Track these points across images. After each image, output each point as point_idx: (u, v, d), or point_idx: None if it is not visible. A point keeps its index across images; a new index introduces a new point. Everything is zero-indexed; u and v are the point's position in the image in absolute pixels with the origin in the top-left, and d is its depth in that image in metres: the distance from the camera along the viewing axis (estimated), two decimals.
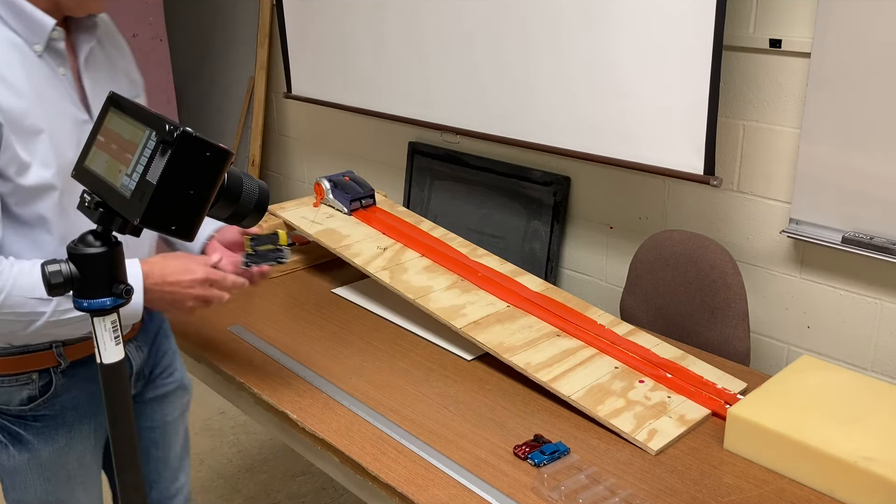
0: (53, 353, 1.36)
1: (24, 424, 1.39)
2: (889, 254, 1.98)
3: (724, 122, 2.27)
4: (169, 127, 0.94)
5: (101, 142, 1.05)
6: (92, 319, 1.00)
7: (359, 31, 3.06)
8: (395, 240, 2.07)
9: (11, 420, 1.39)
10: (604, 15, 2.27)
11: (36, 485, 1.42)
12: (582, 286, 2.78)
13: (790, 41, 2.10)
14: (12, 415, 1.38)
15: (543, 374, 1.62)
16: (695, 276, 2.12)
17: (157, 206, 0.95)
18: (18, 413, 1.38)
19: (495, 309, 1.83)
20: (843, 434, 1.37)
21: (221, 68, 4.16)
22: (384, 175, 3.39)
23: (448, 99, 2.80)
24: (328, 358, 1.77)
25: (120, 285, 0.99)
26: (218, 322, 1.94)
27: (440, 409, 1.58)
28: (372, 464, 1.41)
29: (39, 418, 1.40)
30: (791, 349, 2.31)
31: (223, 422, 3.06)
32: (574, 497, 1.30)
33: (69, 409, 1.42)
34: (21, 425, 1.39)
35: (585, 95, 2.39)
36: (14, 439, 1.39)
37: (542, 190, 2.77)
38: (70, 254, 0.98)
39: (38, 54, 1.27)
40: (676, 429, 1.49)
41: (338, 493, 2.66)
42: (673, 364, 1.69)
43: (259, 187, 1.20)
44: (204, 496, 2.66)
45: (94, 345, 1.01)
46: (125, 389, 1.04)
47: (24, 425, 1.39)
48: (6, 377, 1.36)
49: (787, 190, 2.21)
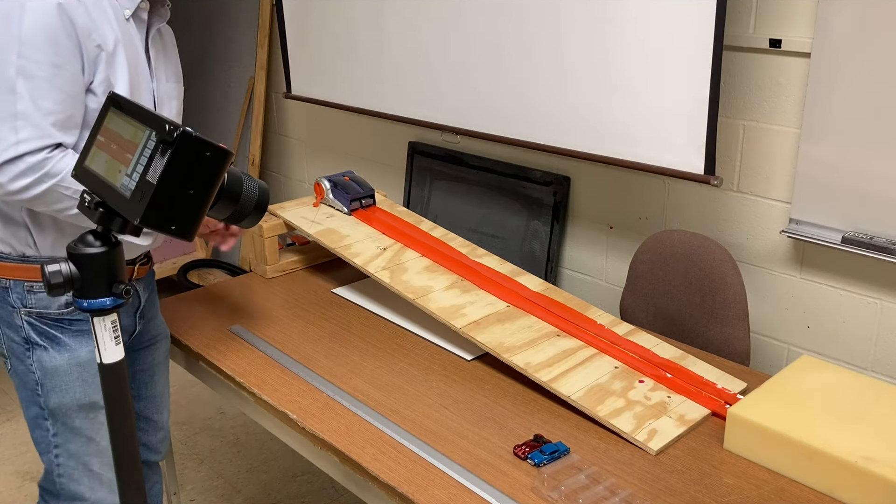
0: None
1: (61, 328, 1.56)
2: (889, 254, 1.98)
3: (724, 122, 2.27)
4: (169, 127, 0.94)
5: (101, 142, 1.05)
6: (92, 319, 1.00)
7: (359, 31, 3.06)
8: (395, 240, 2.07)
9: (50, 324, 1.55)
10: (604, 15, 2.27)
11: (74, 386, 1.58)
12: (582, 286, 2.78)
13: (790, 41, 2.09)
14: (52, 318, 1.55)
15: (543, 374, 1.62)
16: (695, 276, 2.12)
17: (157, 206, 0.95)
18: (57, 317, 1.55)
19: (495, 309, 1.83)
20: (843, 434, 1.37)
21: (221, 68, 4.16)
22: (384, 175, 3.39)
23: (448, 99, 2.80)
24: (328, 358, 1.77)
25: (120, 285, 0.99)
26: (218, 322, 1.94)
27: (440, 409, 1.59)
28: (372, 464, 1.41)
29: (75, 322, 1.57)
30: (791, 349, 2.31)
31: (223, 422, 3.06)
32: (574, 497, 1.30)
33: None
34: (59, 329, 1.56)
35: (585, 95, 2.39)
36: (53, 342, 1.56)
37: (542, 190, 2.77)
38: (70, 254, 0.98)
39: (126, 17, 1.52)
40: (676, 429, 1.49)
41: (338, 493, 2.66)
42: (673, 364, 1.69)
43: (259, 187, 1.21)
44: (204, 496, 2.66)
45: (94, 344, 1.01)
46: (125, 389, 1.04)
47: (61, 329, 1.56)
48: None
49: (787, 190, 2.21)
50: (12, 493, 2.68)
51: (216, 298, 2.07)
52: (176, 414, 3.07)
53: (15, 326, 1.56)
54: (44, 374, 1.57)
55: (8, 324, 1.57)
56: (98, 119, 1.08)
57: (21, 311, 1.54)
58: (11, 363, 1.61)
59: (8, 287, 1.54)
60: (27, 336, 1.56)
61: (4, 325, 1.57)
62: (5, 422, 3.10)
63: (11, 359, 1.60)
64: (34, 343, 1.56)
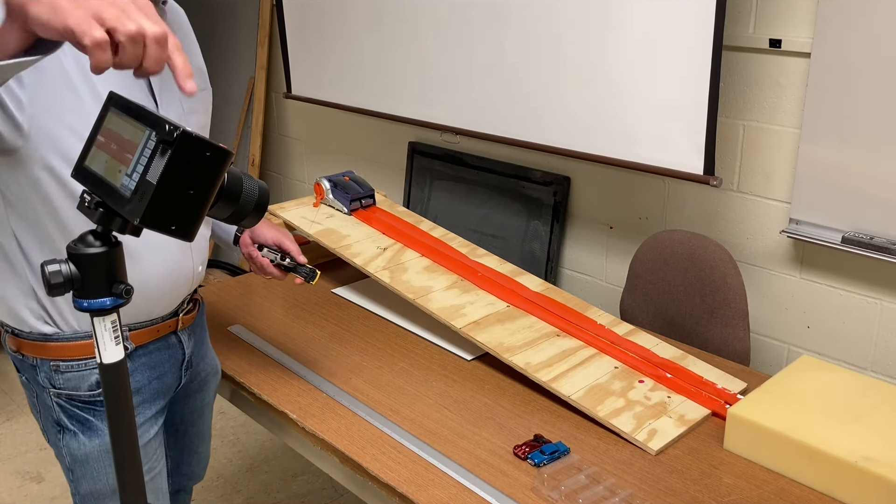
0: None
1: (92, 411, 1.42)
2: (889, 254, 1.98)
3: (724, 122, 2.27)
4: (169, 127, 0.94)
5: (101, 142, 1.05)
6: (92, 319, 1.00)
7: (359, 31, 3.06)
8: (395, 240, 2.07)
9: (80, 407, 1.42)
10: (604, 15, 2.27)
11: (107, 472, 1.45)
12: (582, 286, 2.78)
13: (790, 41, 2.09)
14: (82, 401, 1.41)
15: (543, 374, 1.62)
16: (695, 276, 2.12)
17: (157, 206, 0.95)
18: (88, 399, 1.41)
19: (495, 309, 1.83)
20: (843, 434, 1.37)
21: (221, 68, 4.16)
22: (384, 175, 3.39)
23: (448, 99, 2.80)
24: (328, 358, 1.77)
25: (120, 285, 0.99)
26: (218, 322, 1.94)
27: (440, 409, 1.59)
28: (372, 464, 1.41)
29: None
30: (791, 349, 2.31)
31: (223, 422, 3.06)
32: (574, 497, 1.30)
33: (134, 393, 1.44)
34: (90, 412, 1.42)
35: (585, 95, 2.39)
36: (84, 426, 1.42)
37: (542, 190, 2.77)
38: (70, 254, 0.98)
39: None
40: (676, 429, 1.49)
41: (338, 493, 2.66)
42: (673, 364, 1.69)
43: (259, 187, 1.20)
44: (204, 496, 2.66)
45: (94, 344, 1.01)
46: (125, 389, 1.04)
47: (92, 411, 1.42)
48: (76, 362, 1.39)
49: (786, 190, 2.21)
50: (12, 494, 2.68)
51: (216, 298, 2.07)
52: None
53: (46, 407, 1.43)
54: (73, 461, 1.45)
55: (42, 404, 1.44)
56: (98, 119, 1.08)
57: (51, 392, 1.41)
58: (47, 438, 1.49)
59: (36, 365, 1.40)
60: (58, 419, 1.43)
61: (40, 405, 1.45)
62: (5, 422, 3.10)
63: (47, 435, 1.49)
64: (65, 427, 1.43)
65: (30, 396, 1.46)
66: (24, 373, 1.44)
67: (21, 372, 1.45)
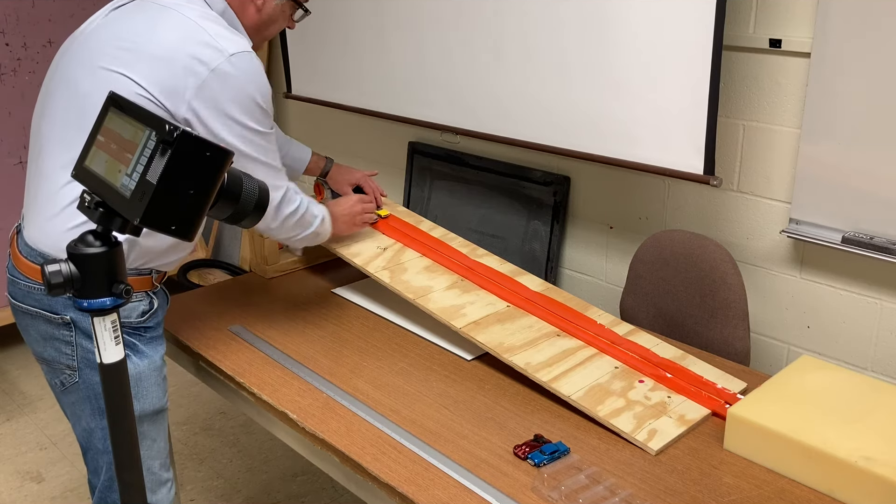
0: (152, 278, 1.63)
1: (138, 336, 1.61)
2: (889, 254, 1.98)
3: (724, 122, 2.27)
4: (169, 127, 0.94)
5: (101, 142, 1.05)
6: (92, 319, 1.00)
7: (359, 31, 3.06)
8: (395, 240, 2.07)
9: (129, 332, 1.59)
10: (604, 14, 2.27)
11: (153, 391, 1.63)
12: (582, 286, 2.78)
13: (790, 41, 2.09)
14: (131, 327, 1.59)
15: (543, 374, 1.62)
16: (695, 276, 2.12)
17: (157, 206, 0.95)
18: (137, 325, 1.60)
19: (495, 309, 1.83)
20: (843, 434, 1.37)
21: None
22: (384, 175, 3.39)
23: (448, 99, 2.80)
24: (328, 358, 1.77)
25: (120, 285, 0.99)
26: (218, 322, 1.94)
27: (440, 409, 1.59)
28: (372, 464, 1.41)
29: (147, 329, 1.63)
30: (791, 349, 2.31)
31: (223, 422, 3.06)
32: (574, 497, 1.30)
33: (160, 324, 1.68)
34: (136, 336, 1.60)
35: (585, 95, 2.39)
36: (133, 350, 1.59)
37: (542, 190, 2.77)
38: (70, 254, 0.98)
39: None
40: (676, 429, 1.49)
41: (338, 493, 2.66)
42: (673, 364, 1.69)
43: (259, 187, 1.20)
44: (204, 496, 2.66)
45: (94, 344, 1.01)
46: (125, 389, 1.04)
47: (138, 336, 1.61)
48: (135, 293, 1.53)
49: (786, 190, 2.21)
50: (12, 494, 2.68)
51: (216, 298, 2.07)
52: (176, 414, 3.07)
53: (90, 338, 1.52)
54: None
55: (88, 335, 1.53)
56: (98, 119, 1.08)
57: None
58: (81, 375, 1.57)
59: None
60: None
61: (82, 337, 1.54)
62: (5, 422, 3.10)
63: (83, 370, 1.57)
64: None
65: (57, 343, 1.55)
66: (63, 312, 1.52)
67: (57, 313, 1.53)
